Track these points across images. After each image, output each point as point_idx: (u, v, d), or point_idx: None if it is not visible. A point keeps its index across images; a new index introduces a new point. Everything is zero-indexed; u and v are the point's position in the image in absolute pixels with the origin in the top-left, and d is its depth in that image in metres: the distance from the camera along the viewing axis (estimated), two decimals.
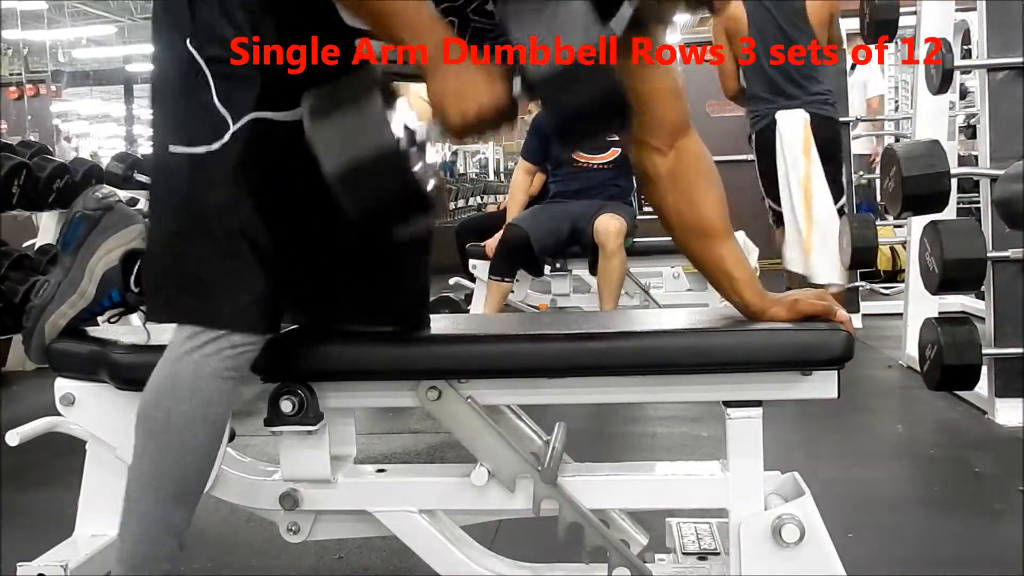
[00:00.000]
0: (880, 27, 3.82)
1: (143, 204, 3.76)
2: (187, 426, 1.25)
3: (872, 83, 6.28)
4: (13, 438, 1.49)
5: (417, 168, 1.13)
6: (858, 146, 5.66)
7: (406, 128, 1.14)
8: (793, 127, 3.80)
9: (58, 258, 1.53)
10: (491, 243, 4.00)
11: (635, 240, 3.89)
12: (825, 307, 1.35)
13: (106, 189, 1.57)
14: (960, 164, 4.25)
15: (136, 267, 1.50)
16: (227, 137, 1.21)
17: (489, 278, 3.87)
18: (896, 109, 6.58)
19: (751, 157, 4.32)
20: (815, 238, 3.90)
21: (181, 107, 1.26)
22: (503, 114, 1.15)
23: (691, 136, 1.43)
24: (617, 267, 3.68)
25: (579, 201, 3.92)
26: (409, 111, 1.17)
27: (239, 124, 1.21)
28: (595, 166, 3.92)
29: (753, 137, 4.17)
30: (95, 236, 1.50)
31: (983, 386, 2.94)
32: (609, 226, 3.68)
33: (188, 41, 1.23)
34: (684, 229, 1.42)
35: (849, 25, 5.17)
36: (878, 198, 5.32)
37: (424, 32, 1.15)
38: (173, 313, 1.28)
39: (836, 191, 4.00)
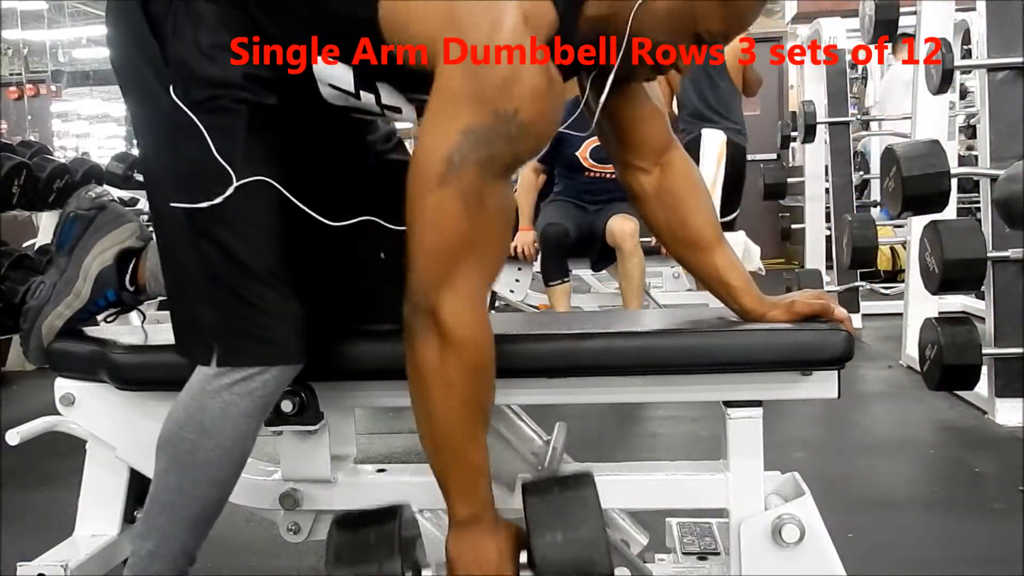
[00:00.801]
0: (880, 27, 3.82)
1: (143, 204, 3.76)
2: (213, 461, 1.25)
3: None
4: (13, 438, 1.49)
5: None
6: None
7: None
8: (713, 141, 4.69)
9: (53, 259, 1.53)
10: (520, 243, 3.95)
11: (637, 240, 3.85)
12: (823, 306, 1.35)
13: (99, 189, 1.57)
14: (960, 164, 4.25)
15: (131, 266, 1.50)
16: (230, 190, 1.20)
17: (547, 287, 3.84)
18: None
19: (751, 157, 4.44)
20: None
21: (181, 161, 1.24)
22: None
23: (675, 151, 1.44)
24: (636, 266, 3.68)
25: (589, 203, 3.88)
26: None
27: (245, 180, 1.21)
28: (607, 175, 3.81)
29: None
30: (89, 236, 1.49)
31: (983, 386, 2.94)
32: (624, 227, 3.64)
33: (171, 90, 1.22)
34: (676, 243, 1.43)
35: (849, 24, 5.21)
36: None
37: (470, 495, 1.18)
38: (207, 354, 1.26)
39: (735, 204, 4.79)
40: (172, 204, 1.24)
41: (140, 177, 4.25)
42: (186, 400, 1.26)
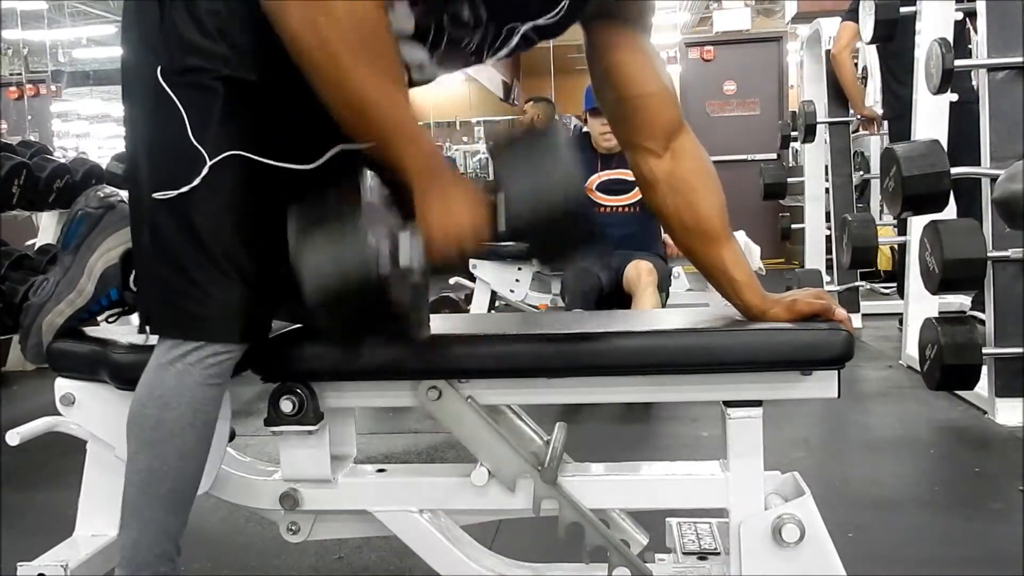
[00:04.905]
0: (880, 27, 3.82)
1: None
2: (177, 433, 1.26)
3: None
4: (13, 438, 1.49)
5: (395, 288, 1.15)
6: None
7: (391, 242, 1.16)
8: None
9: (58, 256, 1.53)
10: None
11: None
12: (823, 306, 1.35)
13: (108, 188, 1.57)
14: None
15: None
16: (205, 170, 1.21)
17: None
18: None
19: (751, 157, 4.42)
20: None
21: (158, 143, 1.26)
22: (483, 235, 1.18)
23: (686, 136, 1.42)
24: (648, 306, 3.33)
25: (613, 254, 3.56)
26: (395, 223, 1.19)
27: (215, 160, 1.21)
28: (619, 209, 3.62)
29: None
30: (96, 234, 1.50)
31: (983, 386, 2.94)
32: (640, 267, 3.38)
33: (159, 71, 1.23)
34: (684, 232, 1.42)
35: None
36: None
37: (415, 147, 1.16)
38: (157, 325, 1.29)
39: None
40: (153, 195, 1.24)
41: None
42: (146, 378, 1.28)
